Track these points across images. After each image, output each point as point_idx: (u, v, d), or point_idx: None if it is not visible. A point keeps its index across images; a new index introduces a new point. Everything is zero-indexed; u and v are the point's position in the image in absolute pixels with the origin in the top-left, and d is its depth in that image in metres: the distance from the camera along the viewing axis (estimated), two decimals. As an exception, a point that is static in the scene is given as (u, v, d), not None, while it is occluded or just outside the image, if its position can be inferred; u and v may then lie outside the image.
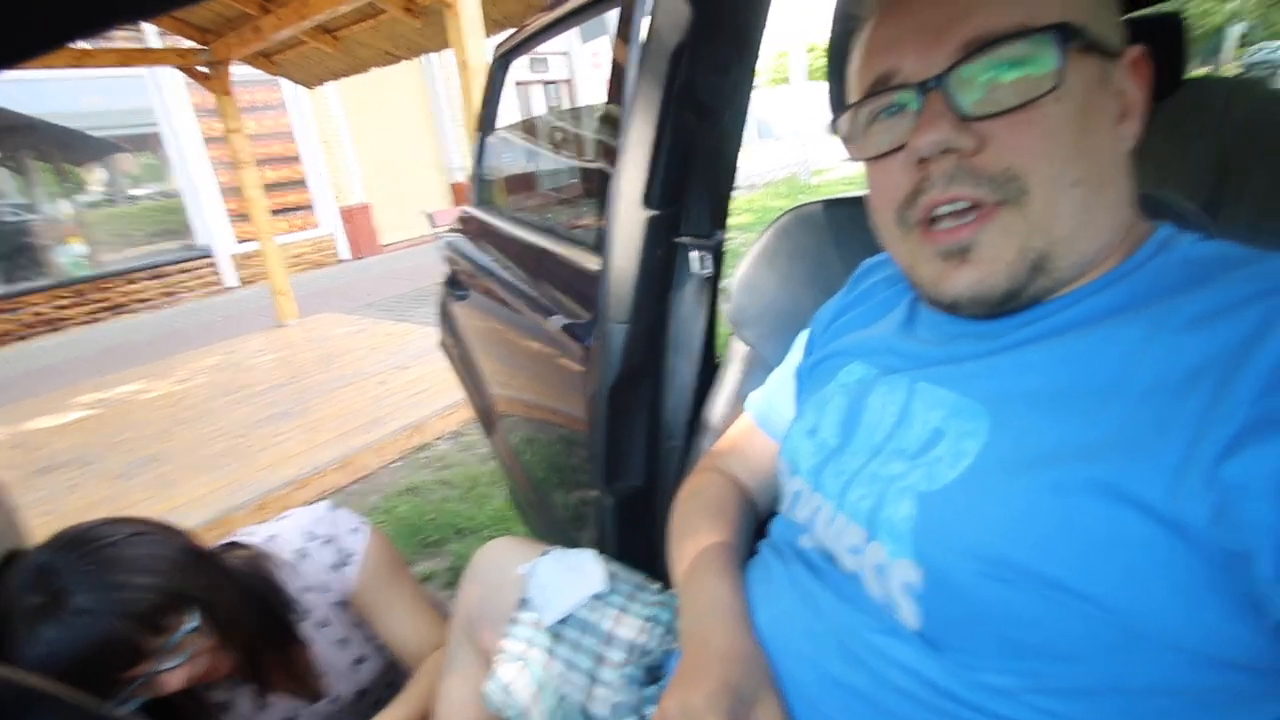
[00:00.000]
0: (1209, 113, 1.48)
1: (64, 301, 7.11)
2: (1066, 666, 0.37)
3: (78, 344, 6.29)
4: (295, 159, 8.76)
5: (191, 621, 0.74)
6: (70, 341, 6.48)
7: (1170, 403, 0.36)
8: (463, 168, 10.02)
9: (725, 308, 0.82)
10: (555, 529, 1.50)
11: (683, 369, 0.85)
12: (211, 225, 8.01)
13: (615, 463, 0.91)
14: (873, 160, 0.47)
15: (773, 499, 0.67)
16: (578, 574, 0.77)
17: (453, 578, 2.04)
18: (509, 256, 1.50)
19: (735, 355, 0.80)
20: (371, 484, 2.76)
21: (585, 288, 1.04)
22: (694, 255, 0.81)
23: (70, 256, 7.28)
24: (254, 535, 0.92)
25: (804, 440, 0.56)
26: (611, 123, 1.05)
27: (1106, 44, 0.42)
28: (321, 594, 0.92)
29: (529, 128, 2.78)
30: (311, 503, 0.99)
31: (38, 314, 6.93)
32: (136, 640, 0.69)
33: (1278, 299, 0.35)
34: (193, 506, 2.53)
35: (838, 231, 0.74)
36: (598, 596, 0.74)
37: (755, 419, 0.70)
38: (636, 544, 0.90)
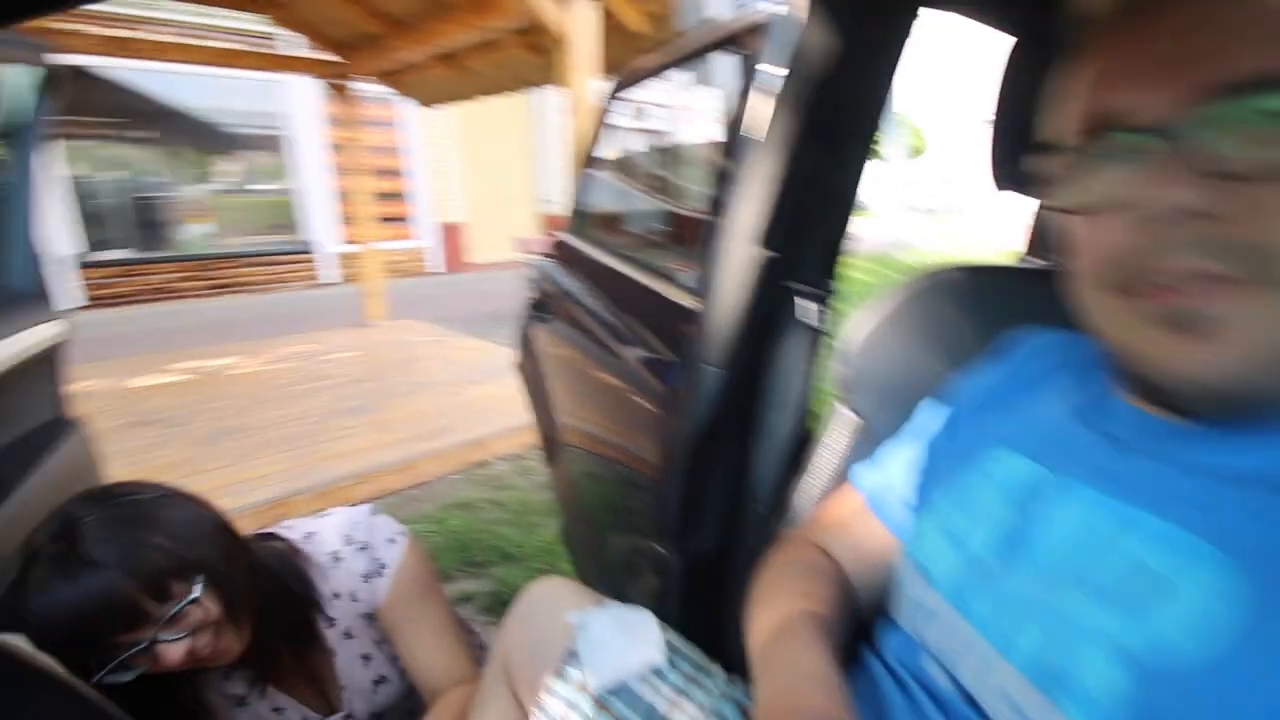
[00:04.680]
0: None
1: (184, 274, 7.77)
2: None
3: (189, 314, 6.77)
4: (403, 173, 9.31)
5: (196, 591, 0.71)
6: (183, 311, 6.99)
7: None
8: (555, 201, 10.35)
9: (832, 368, 0.74)
10: (604, 573, 1.43)
11: (779, 427, 0.77)
12: (318, 224, 8.59)
13: (689, 520, 0.83)
14: (1086, 214, 0.38)
15: (877, 594, 0.58)
16: (633, 638, 0.69)
17: (492, 602, 1.99)
18: (599, 287, 1.48)
19: (840, 424, 0.72)
20: (428, 492, 2.76)
21: (677, 327, 0.99)
22: (804, 304, 0.74)
23: (195, 235, 7.96)
24: (293, 530, 0.89)
25: (941, 543, 0.46)
26: (725, 158, 1.01)
27: None
28: (350, 603, 0.88)
29: (633, 164, 2.81)
30: (364, 502, 0.96)
31: (160, 282, 7.60)
32: (138, 601, 0.67)
33: None
34: (260, 483, 2.59)
35: (983, 303, 0.66)
36: (654, 670, 0.66)
37: (867, 498, 0.61)
38: (701, 616, 0.82)
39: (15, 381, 0.98)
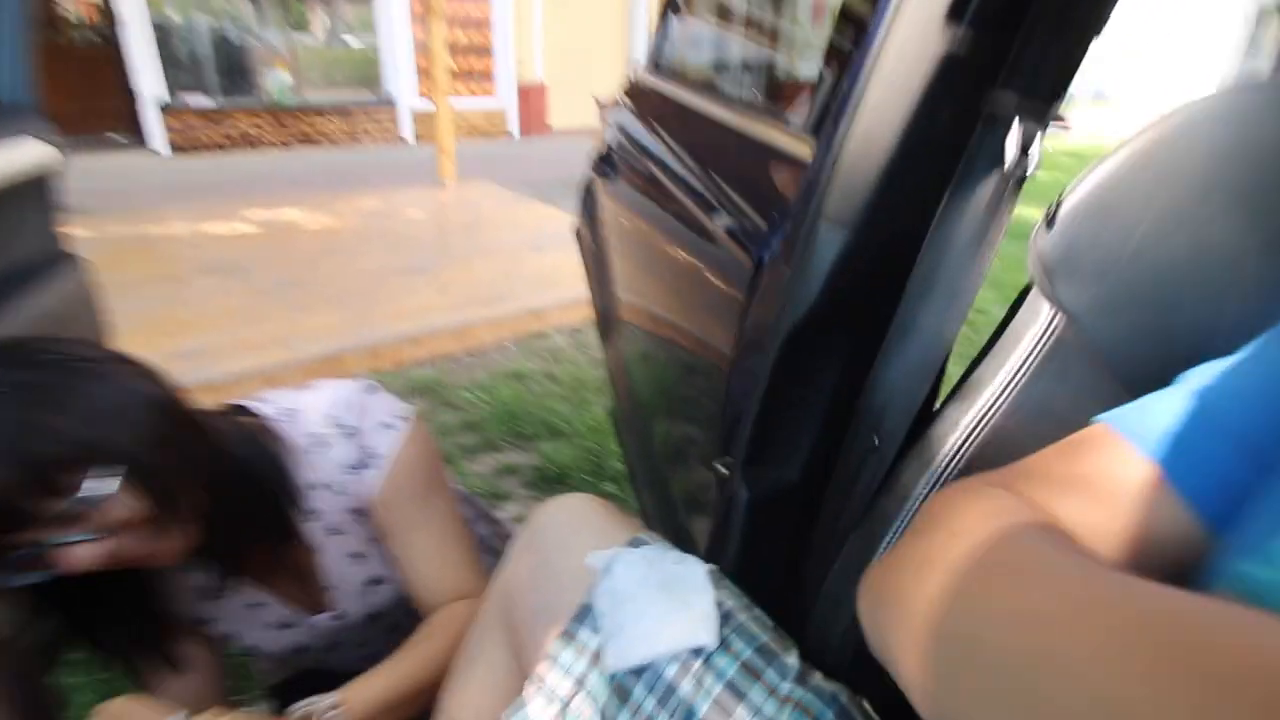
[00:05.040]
0: None
1: (263, 124, 7.70)
2: None
3: (266, 165, 6.77)
4: (486, 24, 8.72)
5: (106, 487, 0.54)
6: (261, 161, 7.00)
7: None
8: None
9: (1031, 242, 0.46)
10: (647, 461, 1.26)
11: (929, 328, 0.50)
12: (400, 80, 8.27)
13: (765, 438, 0.60)
14: None
15: None
16: (673, 597, 0.49)
17: (536, 477, 1.91)
18: (678, 136, 1.19)
19: (1034, 325, 0.45)
20: (482, 359, 2.67)
21: (783, 178, 0.72)
22: (1014, 132, 0.45)
23: (278, 84, 7.80)
24: (272, 404, 0.72)
25: None
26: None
27: None
28: (334, 495, 0.72)
29: None
30: (416, 365, 0.77)
31: (241, 131, 7.57)
32: (18, 497, 0.50)
33: None
34: (315, 335, 2.55)
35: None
36: (697, 652, 0.47)
37: (1149, 451, 0.32)
38: (770, 567, 0.61)
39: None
